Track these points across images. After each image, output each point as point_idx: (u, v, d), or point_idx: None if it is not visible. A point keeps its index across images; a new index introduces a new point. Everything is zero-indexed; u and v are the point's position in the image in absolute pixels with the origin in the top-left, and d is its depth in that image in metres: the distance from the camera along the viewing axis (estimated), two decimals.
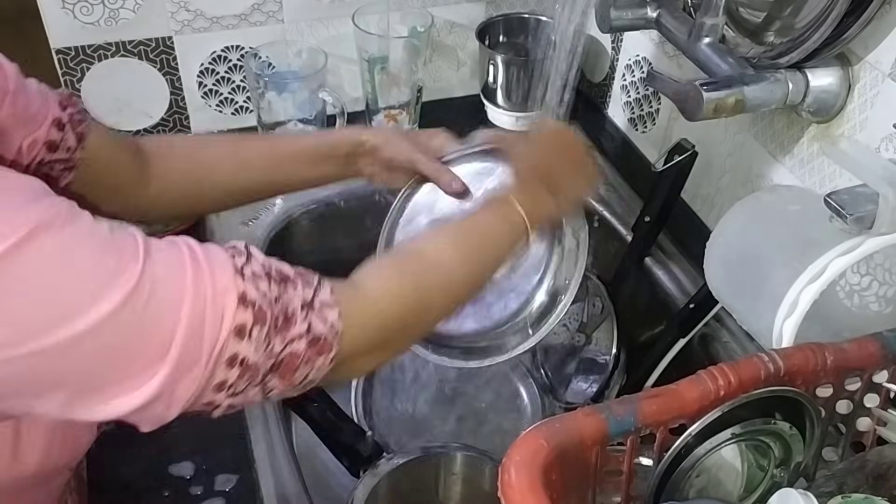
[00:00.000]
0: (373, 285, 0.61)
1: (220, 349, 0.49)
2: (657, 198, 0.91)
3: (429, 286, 0.64)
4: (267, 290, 0.52)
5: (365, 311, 0.59)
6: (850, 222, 0.61)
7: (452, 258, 0.66)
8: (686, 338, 0.89)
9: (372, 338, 0.59)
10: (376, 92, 1.08)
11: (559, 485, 0.49)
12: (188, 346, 0.48)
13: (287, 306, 0.53)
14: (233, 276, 0.51)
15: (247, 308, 0.50)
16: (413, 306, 0.62)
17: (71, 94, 0.72)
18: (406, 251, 0.66)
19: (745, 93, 0.73)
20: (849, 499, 0.56)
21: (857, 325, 0.71)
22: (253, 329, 0.50)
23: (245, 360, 0.50)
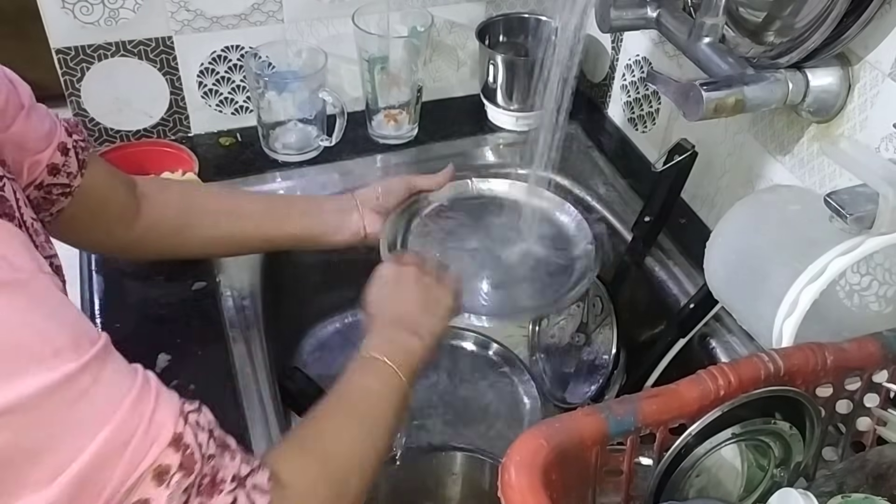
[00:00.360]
0: (298, 485, 0.57)
1: (132, 485, 0.45)
2: (657, 198, 0.91)
3: (351, 486, 0.62)
4: (204, 443, 0.49)
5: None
6: (850, 222, 0.61)
7: (357, 442, 0.64)
8: (686, 338, 0.89)
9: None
10: (376, 92, 1.08)
11: (559, 485, 0.49)
12: (101, 465, 0.45)
13: (218, 470, 0.50)
14: (176, 415, 0.49)
15: (177, 451, 0.47)
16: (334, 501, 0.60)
17: (78, 122, 0.72)
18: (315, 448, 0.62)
19: (745, 93, 0.73)
20: (849, 498, 0.56)
21: (856, 325, 0.71)
22: (175, 476, 0.47)
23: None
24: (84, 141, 0.71)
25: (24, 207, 0.58)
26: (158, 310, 0.88)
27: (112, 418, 0.45)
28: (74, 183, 0.70)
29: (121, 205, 0.76)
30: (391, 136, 1.12)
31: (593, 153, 1.13)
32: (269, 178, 1.06)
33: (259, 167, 1.07)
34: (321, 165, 1.08)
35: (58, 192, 0.69)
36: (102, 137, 1.08)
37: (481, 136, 1.16)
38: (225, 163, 1.08)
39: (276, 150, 1.08)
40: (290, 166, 1.07)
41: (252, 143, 1.10)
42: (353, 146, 1.10)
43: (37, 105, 0.66)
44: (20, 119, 0.63)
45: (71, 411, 0.44)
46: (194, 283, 0.91)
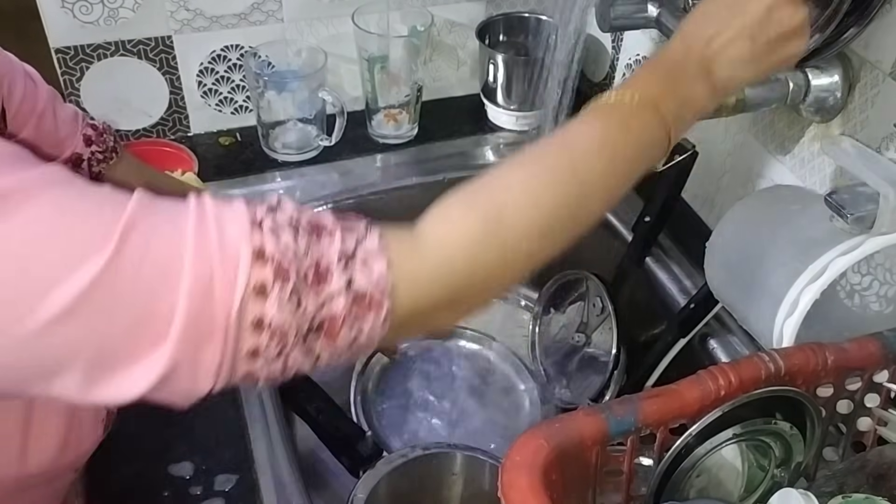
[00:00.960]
0: (434, 229, 0.50)
1: (238, 311, 0.43)
2: (657, 198, 0.91)
3: (508, 227, 0.50)
4: (291, 242, 0.45)
5: (423, 261, 0.49)
6: (851, 222, 0.61)
7: (552, 192, 0.51)
8: (686, 338, 0.89)
9: (435, 293, 0.49)
10: (376, 91, 1.08)
11: (559, 485, 0.49)
12: (196, 308, 0.43)
13: (319, 259, 0.46)
14: (248, 229, 0.45)
15: (265, 264, 0.44)
16: (490, 257, 0.50)
17: (105, 130, 0.69)
18: (483, 181, 0.52)
19: (746, 92, 0.73)
20: (849, 499, 0.55)
21: (857, 325, 0.71)
22: (274, 287, 0.44)
23: (272, 322, 0.44)
24: (104, 152, 0.68)
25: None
26: None
27: (181, 267, 0.43)
28: None
29: None
30: (391, 135, 1.12)
31: None
32: (269, 178, 1.06)
33: (259, 167, 1.07)
34: (321, 165, 1.08)
35: None
36: None
37: (481, 136, 1.16)
38: (224, 162, 1.08)
39: (275, 150, 1.08)
40: (289, 166, 1.07)
41: (252, 143, 1.10)
42: (352, 146, 1.10)
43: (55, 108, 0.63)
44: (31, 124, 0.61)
45: (141, 274, 0.43)
46: None
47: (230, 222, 0.45)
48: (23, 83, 0.61)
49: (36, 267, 0.42)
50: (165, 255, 0.43)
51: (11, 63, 0.60)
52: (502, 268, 0.51)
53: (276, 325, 0.44)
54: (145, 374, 0.44)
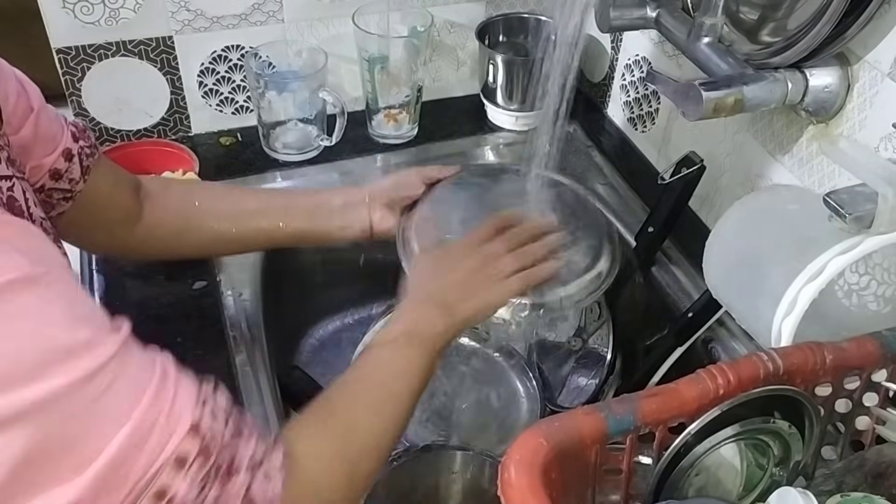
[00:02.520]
0: (312, 464, 0.57)
1: (154, 474, 0.46)
2: (662, 209, 0.90)
3: (364, 470, 0.62)
4: (221, 429, 0.50)
5: (305, 489, 0.56)
6: (849, 221, 0.61)
7: (373, 418, 0.64)
8: (683, 346, 0.89)
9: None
10: (376, 91, 1.09)
11: (559, 483, 0.49)
12: (121, 458, 0.45)
13: (234, 455, 0.50)
14: (194, 402, 0.49)
15: (195, 438, 0.48)
16: (349, 479, 0.60)
17: (86, 128, 0.72)
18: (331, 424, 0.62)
19: (745, 92, 0.73)
20: (848, 497, 0.56)
21: (855, 325, 0.71)
22: (194, 463, 0.47)
23: (174, 498, 0.47)
24: (90, 147, 0.71)
25: (34, 207, 0.58)
26: (159, 309, 0.88)
27: (134, 411, 0.46)
28: (76, 188, 0.69)
29: (123, 208, 0.76)
30: (391, 135, 1.12)
31: (593, 153, 1.14)
32: (270, 178, 1.06)
33: (259, 167, 1.07)
34: (321, 165, 1.08)
35: (59, 197, 0.68)
36: (103, 137, 1.08)
37: (481, 136, 1.16)
38: (225, 162, 1.08)
39: (276, 150, 1.08)
40: (290, 166, 1.07)
41: (252, 143, 1.10)
42: (353, 146, 1.10)
43: (46, 107, 0.65)
44: (29, 122, 0.63)
45: (97, 406, 0.44)
46: (195, 283, 0.91)
47: (185, 388, 0.49)
48: (15, 85, 0.62)
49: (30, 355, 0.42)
50: (124, 396, 0.46)
51: (3, 67, 0.61)
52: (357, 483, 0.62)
53: (177, 500, 0.47)
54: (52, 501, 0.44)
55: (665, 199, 0.90)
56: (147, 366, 0.49)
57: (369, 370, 0.67)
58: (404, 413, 0.66)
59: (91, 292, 0.89)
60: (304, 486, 0.56)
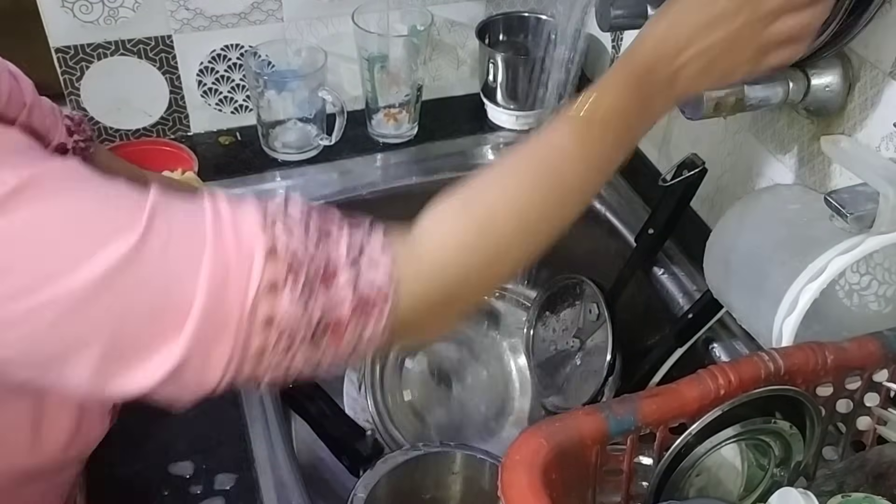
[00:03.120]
0: (430, 234, 0.52)
1: (251, 307, 0.45)
2: (662, 211, 0.90)
3: (499, 232, 0.54)
4: (303, 241, 0.47)
5: (423, 269, 0.51)
6: (851, 221, 0.61)
7: (533, 199, 0.55)
8: (683, 347, 0.88)
9: (432, 294, 0.51)
10: (376, 91, 1.08)
11: (559, 484, 0.49)
12: (213, 302, 0.44)
13: (328, 260, 0.47)
14: (261, 227, 0.46)
15: (277, 262, 0.45)
16: (480, 258, 0.53)
17: (82, 120, 0.71)
18: (474, 186, 0.55)
19: (746, 91, 0.73)
20: (849, 498, 0.56)
21: (856, 325, 0.71)
22: (287, 284, 0.45)
23: (281, 321, 0.45)
24: (86, 141, 0.70)
25: None
26: None
27: (203, 257, 0.45)
28: None
29: None
30: (391, 134, 1.12)
31: None
32: (269, 178, 1.06)
33: (259, 166, 1.07)
34: (321, 164, 1.08)
35: None
36: (102, 136, 1.08)
37: (481, 135, 1.16)
38: (224, 162, 1.08)
39: (275, 149, 1.08)
40: (289, 165, 1.07)
41: (252, 142, 1.10)
42: (352, 145, 1.10)
43: (40, 100, 0.65)
44: (22, 117, 0.62)
45: (163, 263, 0.44)
46: None
47: (244, 220, 0.47)
48: (7, 78, 0.62)
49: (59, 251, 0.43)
50: (186, 247, 0.45)
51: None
52: (493, 269, 0.55)
53: (286, 322, 0.46)
54: (159, 366, 0.44)
55: (665, 201, 0.90)
56: (195, 210, 0.47)
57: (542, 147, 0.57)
58: (568, 211, 0.56)
59: None
60: (426, 261, 0.51)
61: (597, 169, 0.58)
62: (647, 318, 0.98)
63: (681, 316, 0.89)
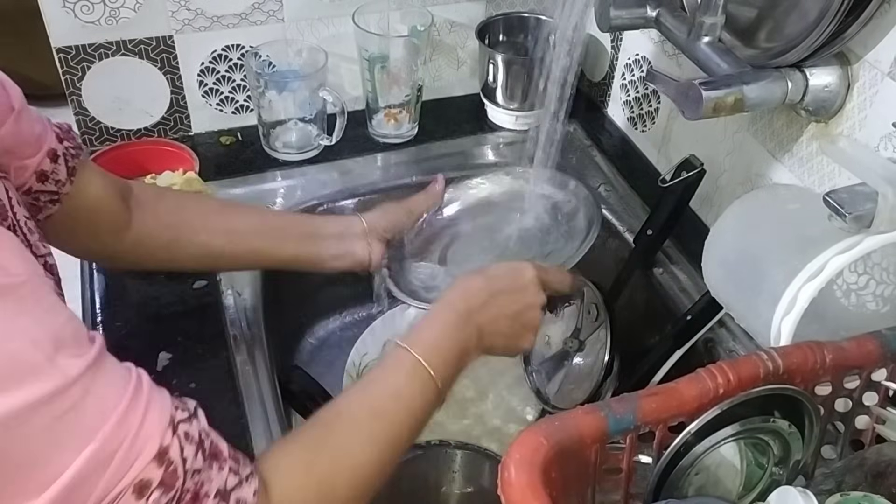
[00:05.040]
0: (279, 491, 0.55)
1: (113, 499, 0.45)
2: (661, 211, 0.91)
3: (341, 496, 0.59)
4: (191, 457, 0.48)
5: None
6: (849, 221, 0.61)
7: (371, 459, 0.61)
8: (682, 349, 0.88)
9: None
10: (376, 91, 1.09)
11: (559, 482, 0.49)
12: (83, 479, 0.44)
13: (202, 485, 0.49)
14: (165, 427, 0.48)
15: (161, 466, 0.47)
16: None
17: (70, 128, 0.71)
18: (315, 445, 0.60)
19: (745, 92, 0.73)
20: (847, 497, 0.56)
21: (854, 324, 0.71)
22: (154, 492, 0.46)
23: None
24: (75, 148, 0.70)
25: (17, 206, 0.57)
26: (159, 308, 0.88)
27: (99, 432, 0.45)
28: (63, 190, 0.68)
29: (112, 214, 0.74)
30: (391, 135, 1.12)
31: (593, 152, 1.14)
32: (270, 177, 1.06)
33: (259, 166, 1.07)
34: (321, 164, 1.08)
35: (46, 199, 0.67)
36: (103, 136, 1.08)
37: (481, 136, 1.16)
38: (225, 162, 1.08)
39: (276, 149, 1.08)
40: (290, 165, 1.07)
41: (252, 142, 1.10)
42: (353, 145, 1.10)
43: (28, 108, 0.65)
44: (10, 122, 0.62)
45: (60, 424, 0.44)
46: (195, 282, 0.91)
47: (156, 412, 0.47)
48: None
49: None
50: (90, 418, 0.45)
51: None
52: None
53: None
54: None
55: (665, 202, 0.90)
56: (119, 383, 0.47)
57: (373, 395, 0.64)
58: (402, 446, 0.64)
59: (91, 291, 0.89)
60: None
61: (424, 413, 0.66)
62: (646, 318, 0.98)
63: (680, 317, 0.89)
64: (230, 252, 0.82)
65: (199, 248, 0.80)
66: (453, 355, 0.69)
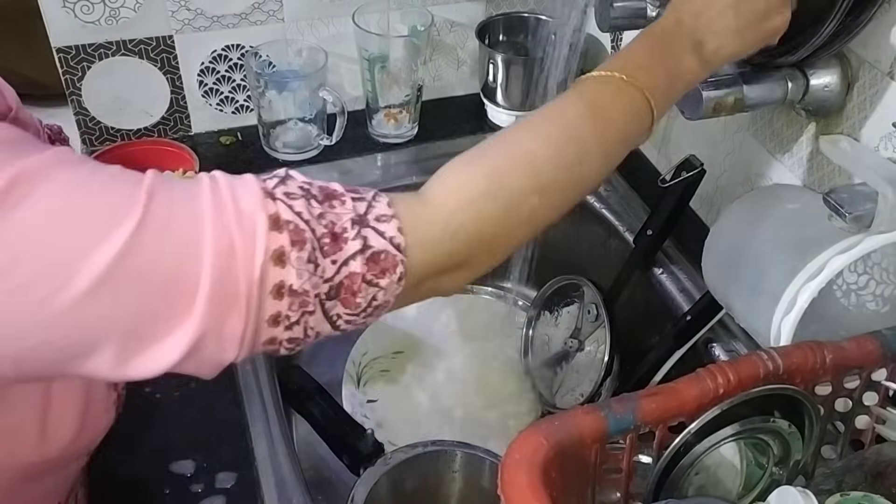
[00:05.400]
0: (442, 192, 0.52)
1: (260, 278, 0.45)
2: (661, 212, 0.91)
3: (514, 189, 0.53)
4: (305, 208, 0.47)
5: (432, 222, 0.51)
6: (849, 220, 0.61)
7: (547, 153, 0.54)
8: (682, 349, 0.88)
9: (447, 253, 0.51)
10: (376, 91, 1.09)
11: (559, 483, 0.49)
12: (220, 275, 0.44)
13: (334, 224, 0.48)
14: (261, 198, 0.47)
15: (281, 231, 0.46)
16: (494, 214, 0.52)
17: (60, 130, 0.71)
18: (483, 148, 0.56)
19: (745, 92, 0.73)
20: (847, 497, 0.56)
21: (853, 324, 0.72)
22: (292, 253, 0.46)
23: (292, 287, 0.46)
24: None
25: None
26: None
27: (204, 232, 0.45)
28: None
29: None
30: (391, 134, 1.12)
31: None
32: None
33: (259, 166, 1.07)
34: (321, 164, 1.08)
35: None
36: (103, 136, 1.08)
37: (481, 135, 1.16)
38: (225, 162, 1.08)
39: (276, 149, 1.08)
40: (290, 165, 1.05)
41: (252, 142, 1.10)
42: (353, 145, 1.10)
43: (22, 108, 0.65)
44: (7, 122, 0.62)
45: (166, 241, 0.44)
46: None
47: (244, 193, 0.47)
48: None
49: (65, 240, 0.43)
50: (187, 225, 0.45)
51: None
52: (507, 226, 0.54)
53: (295, 290, 0.46)
54: (176, 344, 0.45)
55: (665, 202, 0.90)
56: (193, 187, 0.47)
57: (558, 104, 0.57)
58: (590, 170, 0.56)
59: None
60: (436, 210, 0.51)
61: (613, 128, 0.57)
62: (646, 318, 0.98)
63: (680, 317, 0.89)
64: None
65: None
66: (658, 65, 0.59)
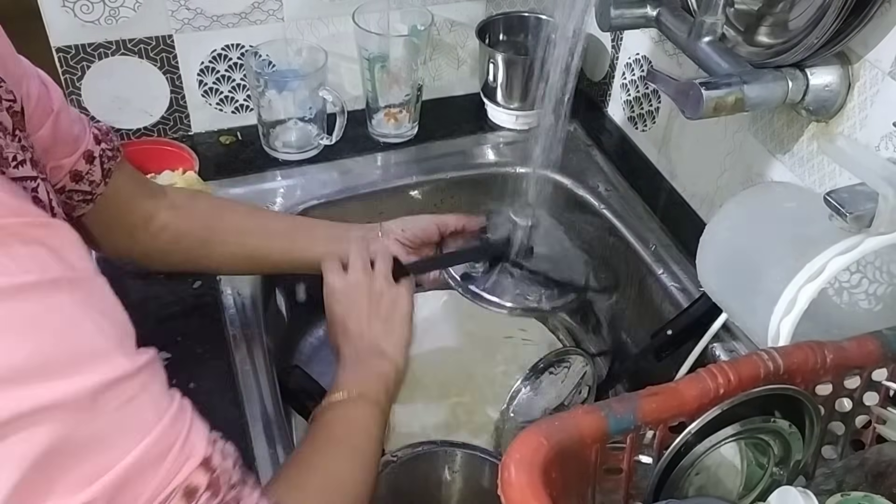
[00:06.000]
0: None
1: (164, 500, 0.46)
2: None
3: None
4: (230, 470, 0.50)
5: None
6: (850, 221, 0.61)
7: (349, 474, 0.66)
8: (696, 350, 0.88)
9: None
10: (376, 90, 1.09)
11: (559, 483, 0.49)
12: (138, 472, 0.45)
13: (240, 499, 0.51)
14: (206, 439, 0.49)
15: (207, 472, 0.48)
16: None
17: (108, 131, 0.72)
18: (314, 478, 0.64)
19: (745, 91, 0.73)
20: (848, 497, 0.56)
21: (846, 323, 0.71)
22: (202, 496, 0.48)
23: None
24: (112, 150, 0.71)
25: (57, 208, 0.58)
26: (159, 308, 0.88)
27: (155, 428, 0.46)
28: (97, 191, 0.69)
29: (143, 214, 0.76)
30: (391, 134, 1.12)
31: (593, 152, 1.14)
32: (270, 177, 1.06)
33: (259, 166, 1.07)
34: (321, 164, 1.08)
35: (79, 199, 0.68)
36: None
37: (481, 135, 1.16)
38: (225, 161, 1.08)
39: (276, 149, 1.08)
40: (290, 165, 1.07)
41: (252, 142, 1.10)
42: (353, 145, 1.10)
43: (67, 108, 0.66)
44: (48, 124, 0.63)
45: (119, 414, 0.44)
46: (195, 282, 0.91)
47: (197, 427, 0.49)
48: (37, 85, 0.62)
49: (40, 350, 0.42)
50: (147, 413, 0.46)
51: (26, 66, 0.62)
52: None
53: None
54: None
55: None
56: (167, 393, 0.49)
57: (333, 430, 0.69)
58: (374, 462, 0.69)
59: None
60: None
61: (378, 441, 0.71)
62: (646, 318, 0.98)
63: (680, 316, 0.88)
64: (261, 254, 0.84)
65: (233, 247, 0.82)
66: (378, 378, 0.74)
